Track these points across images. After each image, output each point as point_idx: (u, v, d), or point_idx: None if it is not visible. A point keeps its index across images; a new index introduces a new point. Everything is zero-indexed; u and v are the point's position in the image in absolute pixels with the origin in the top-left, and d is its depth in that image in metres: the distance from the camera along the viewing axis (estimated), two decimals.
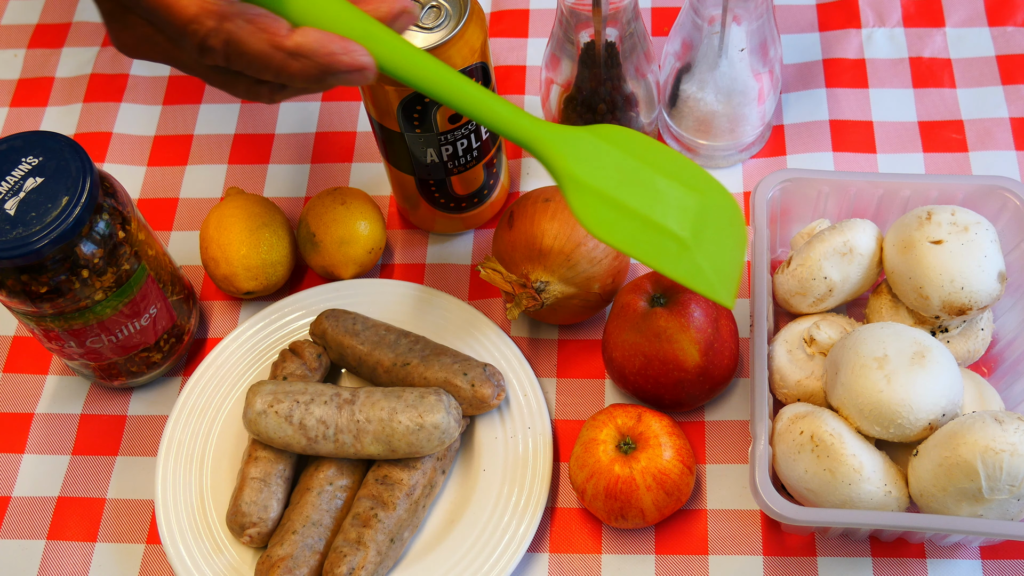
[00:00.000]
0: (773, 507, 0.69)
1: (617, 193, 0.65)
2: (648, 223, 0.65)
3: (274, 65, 0.58)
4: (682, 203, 0.67)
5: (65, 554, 0.81)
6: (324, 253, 0.87)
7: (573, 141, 0.65)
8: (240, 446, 0.82)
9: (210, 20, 0.57)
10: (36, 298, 0.73)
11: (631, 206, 0.65)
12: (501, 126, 0.64)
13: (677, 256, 0.66)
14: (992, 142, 0.94)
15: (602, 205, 0.64)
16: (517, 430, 0.81)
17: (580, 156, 0.65)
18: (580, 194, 0.64)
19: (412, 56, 0.61)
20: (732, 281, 0.67)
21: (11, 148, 0.74)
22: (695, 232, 0.66)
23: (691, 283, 0.65)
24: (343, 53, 0.58)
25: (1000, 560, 0.76)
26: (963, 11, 1.01)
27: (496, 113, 0.63)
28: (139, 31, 0.61)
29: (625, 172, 0.66)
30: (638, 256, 0.65)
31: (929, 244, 0.74)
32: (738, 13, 0.82)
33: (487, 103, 0.63)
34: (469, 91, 0.62)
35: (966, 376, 0.76)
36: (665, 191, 0.66)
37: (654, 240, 0.65)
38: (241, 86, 0.62)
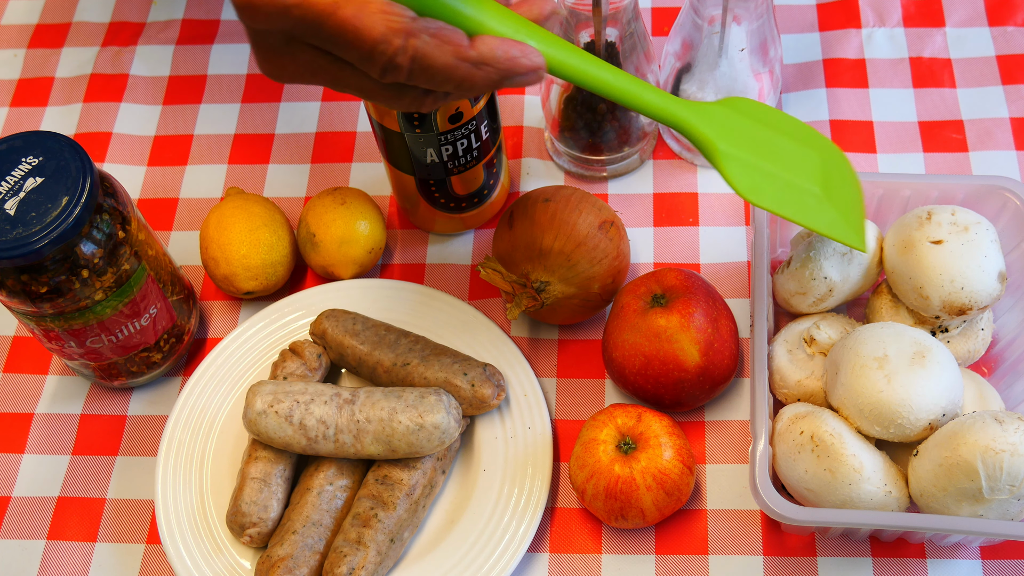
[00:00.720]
0: (773, 507, 0.69)
1: (758, 159, 0.70)
2: (788, 184, 0.70)
3: (459, 76, 0.59)
4: (809, 161, 0.72)
5: (65, 554, 0.81)
6: (324, 253, 0.87)
7: (715, 117, 0.69)
8: (240, 446, 0.82)
9: (397, 39, 0.57)
10: (36, 298, 0.73)
11: (771, 170, 0.70)
12: (653, 111, 0.68)
13: (818, 210, 0.71)
14: (992, 142, 0.94)
15: (750, 172, 0.69)
16: (517, 430, 0.81)
17: (723, 131, 0.69)
18: (730, 165, 0.69)
19: (574, 54, 0.64)
20: (862, 227, 0.73)
21: (11, 148, 0.74)
22: (824, 187, 0.72)
23: (833, 233, 0.70)
24: (522, 56, 0.60)
25: (1000, 560, 0.76)
26: (963, 11, 1.01)
27: (648, 101, 0.67)
28: (302, 58, 0.60)
29: (759, 139, 0.71)
30: (788, 214, 0.69)
31: (929, 244, 0.74)
32: (738, 13, 0.82)
33: (640, 93, 0.67)
34: (624, 84, 0.66)
35: (966, 376, 0.76)
36: (794, 152, 0.71)
37: (797, 198, 0.70)
38: (408, 98, 0.62)
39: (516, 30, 0.62)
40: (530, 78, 0.61)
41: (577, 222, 0.80)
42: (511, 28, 0.61)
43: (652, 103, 0.67)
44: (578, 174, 0.95)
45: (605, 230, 0.81)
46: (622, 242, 0.83)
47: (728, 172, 0.68)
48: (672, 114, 0.68)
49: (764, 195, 0.69)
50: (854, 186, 0.74)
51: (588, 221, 0.81)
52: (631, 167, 0.95)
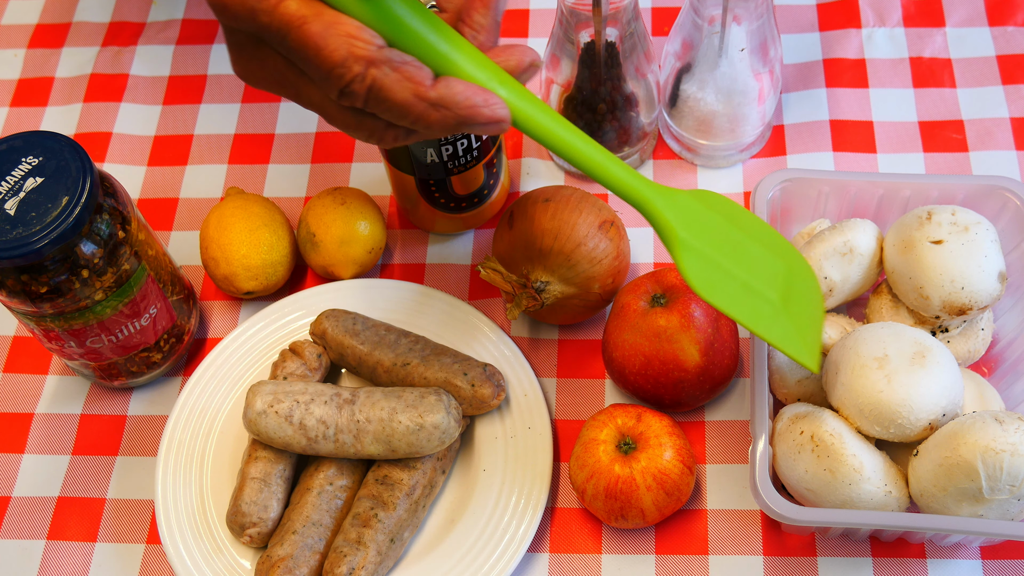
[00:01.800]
0: (773, 507, 0.69)
1: (719, 256, 0.67)
2: (746, 287, 0.68)
3: (414, 114, 0.59)
4: (773, 268, 0.69)
5: (65, 554, 0.81)
6: (324, 253, 0.87)
7: (680, 205, 0.67)
8: (240, 446, 0.82)
9: (357, 65, 0.57)
10: (36, 298, 0.73)
11: (730, 270, 0.67)
12: (617, 187, 0.66)
13: (771, 319, 0.68)
14: (992, 142, 0.94)
15: (707, 267, 0.67)
16: (517, 430, 0.81)
17: (687, 219, 0.67)
18: (688, 256, 0.66)
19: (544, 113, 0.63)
20: (817, 344, 0.69)
21: (11, 148, 0.74)
22: (784, 298, 0.69)
23: (782, 346, 0.67)
24: (484, 106, 0.59)
25: (1000, 560, 0.76)
26: (963, 11, 1.01)
27: (613, 175, 0.65)
28: (270, 64, 0.60)
29: (724, 236, 0.68)
30: (738, 318, 0.66)
31: (929, 244, 0.74)
32: (738, 13, 0.82)
33: (606, 166, 0.65)
34: (591, 154, 0.65)
35: (966, 376, 0.76)
36: (758, 257, 0.69)
37: (752, 303, 0.67)
38: (367, 128, 0.61)
39: (489, 77, 0.61)
40: (491, 128, 0.60)
41: (577, 222, 0.80)
42: (484, 74, 0.61)
43: (618, 179, 0.66)
44: (578, 174, 0.95)
45: (605, 230, 0.81)
46: (622, 242, 0.83)
47: (683, 262, 0.66)
48: (637, 191, 0.66)
49: (717, 293, 0.66)
50: (817, 303, 0.71)
51: (588, 221, 0.81)
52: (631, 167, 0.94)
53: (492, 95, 0.59)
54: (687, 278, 0.66)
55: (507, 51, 0.63)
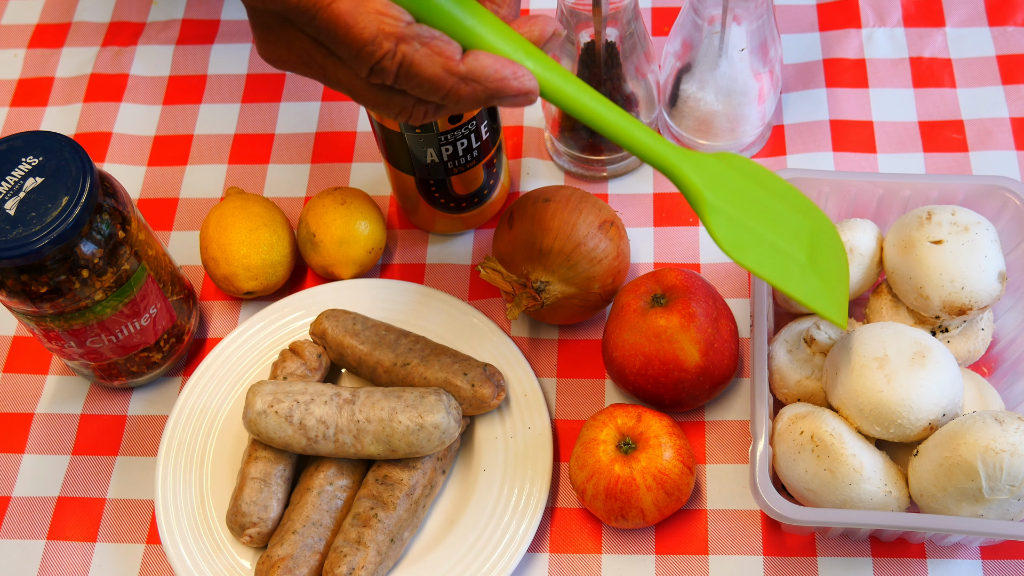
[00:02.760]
0: (773, 507, 0.69)
1: (746, 217, 0.68)
2: (773, 246, 0.68)
3: (444, 88, 0.58)
4: (798, 227, 0.70)
5: (65, 554, 0.81)
6: (324, 253, 0.87)
7: (706, 168, 0.67)
8: (240, 446, 0.82)
9: (387, 42, 0.57)
10: (36, 298, 0.73)
11: (758, 230, 0.68)
12: (644, 153, 0.66)
13: (800, 277, 0.68)
14: (992, 142, 0.94)
15: (735, 228, 0.67)
16: (517, 430, 0.81)
17: (713, 182, 0.67)
18: (716, 218, 0.67)
19: (570, 82, 0.63)
20: (844, 302, 0.70)
21: (11, 148, 0.74)
22: (810, 255, 0.69)
23: (812, 303, 0.68)
24: (513, 78, 0.59)
25: (1000, 560, 0.76)
26: (963, 11, 1.01)
27: (640, 141, 0.65)
28: (297, 45, 0.60)
29: (750, 197, 0.69)
30: (767, 276, 0.67)
31: (929, 244, 0.74)
32: (738, 13, 0.82)
33: (632, 132, 0.65)
34: (616, 120, 0.64)
35: (966, 376, 0.76)
36: (784, 216, 0.69)
37: (780, 262, 0.68)
38: (397, 105, 0.61)
39: (515, 49, 0.61)
40: (519, 101, 0.60)
41: (577, 222, 0.80)
42: (509, 47, 0.61)
43: (645, 143, 0.65)
44: (578, 174, 0.95)
45: (605, 230, 0.81)
46: (622, 242, 0.83)
47: (713, 224, 0.66)
48: (663, 157, 0.66)
49: (747, 253, 0.67)
50: (842, 261, 0.72)
51: (588, 221, 0.81)
52: (631, 167, 0.95)
53: (520, 67, 0.59)
54: (717, 240, 0.66)
55: (530, 22, 0.63)
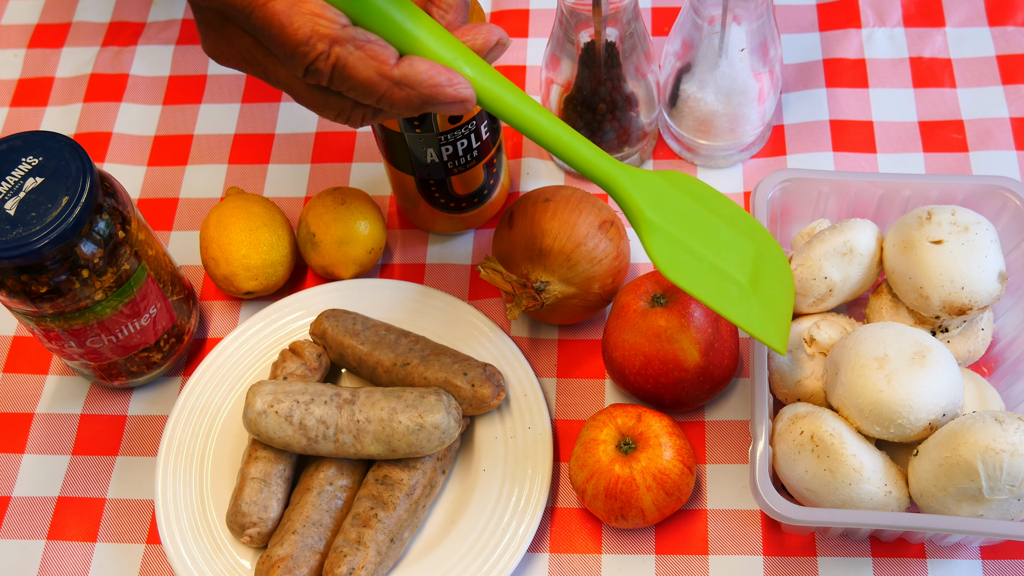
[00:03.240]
0: (773, 507, 0.69)
1: (686, 237, 0.67)
2: (713, 267, 0.68)
3: (378, 92, 0.59)
4: (741, 250, 0.69)
5: (65, 554, 0.81)
6: (324, 253, 0.87)
7: (648, 185, 0.67)
8: (240, 446, 0.82)
9: (321, 44, 0.57)
10: (36, 298, 0.73)
11: (698, 250, 0.68)
12: (584, 167, 0.66)
13: (739, 301, 0.68)
14: (992, 142, 0.94)
15: (674, 248, 0.67)
16: (517, 430, 0.81)
17: (654, 200, 0.67)
18: (654, 236, 0.66)
19: (510, 91, 0.63)
20: (785, 328, 0.70)
21: (11, 148, 0.74)
22: (753, 279, 0.69)
23: (750, 328, 0.68)
24: (448, 85, 0.59)
25: (1000, 560, 0.76)
26: (963, 11, 1.01)
27: (580, 155, 0.65)
28: (237, 43, 0.60)
29: (692, 218, 0.68)
30: (704, 299, 0.67)
31: (929, 244, 0.74)
32: (738, 13, 0.82)
33: (574, 145, 0.65)
34: (558, 133, 0.64)
35: (966, 376, 0.76)
36: (728, 238, 0.69)
37: (719, 284, 0.68)
38: (334, 107, 0.62)
39: (455, 56, 0.60)
40: (455, 108, 0.60)
41: (577, 222, 0.80)
42: (449, 53, 0.60)
43: (585, 158, 0.65)
44: (578, 174, 0.95)
45: (605, 230, 0.81)
46: (622, 242, 0.83)
47: (650, 242, 0.66)
48: (605, 172, 0.66)
49: (684, 274, 0.67)
50: (787, 285, 0.72)
51: (588, 221, 0.81)
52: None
53: (456, 74, 0.59)
54: (653, 259, 0.66)
55: (474, 30, 0.62)
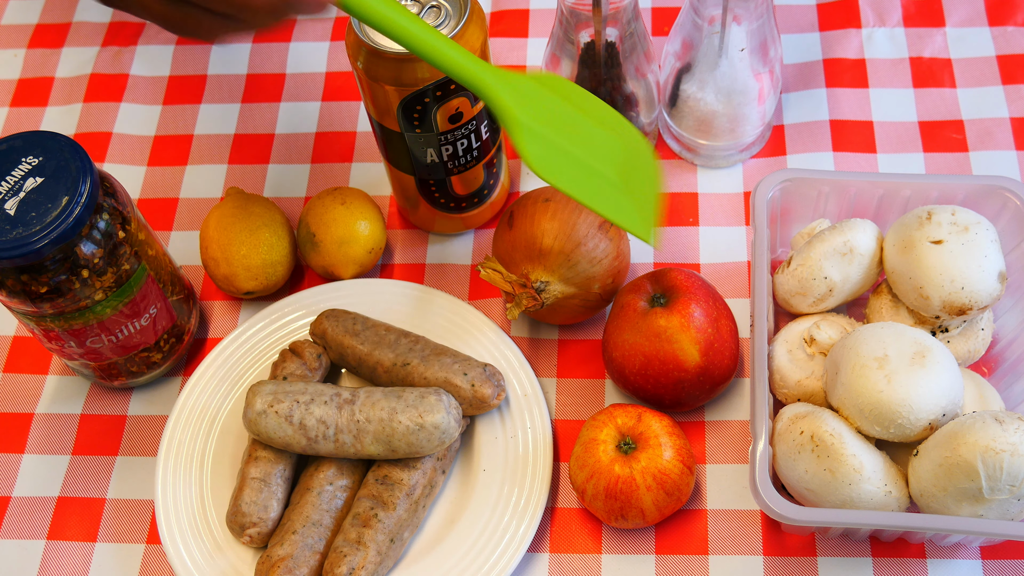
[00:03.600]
0: (773, 507, 0.69)
1: (559, 137, 0.68)
2: (586, 166, 0.69)
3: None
4: (612, 149, 0.71)
5: (65, 554, 0.81)
6: (324, 253, 0.87)
7: (519, 88, 0.67)
8: (240, 446, 0.82)
9: None
10: (36, 298, 0.73)
11: (570, 150, 0.68)
12: (453, 69, 0.66)
13: (611, 198, 0.69)
14: (992, 142, 0.94)
15: (546, 148, 0.67)
16: (517, 430, 0.81)
17: (526, 103, 0.67)
18: (527, 137, 0.67)
19: None
20: (655, 222, 0.72)
21: (11, 148, 0.74)
22: (623, 176, 0.70)
23: (624, 223, 0.69)
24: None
25: (1000, 560, 0.76)
26: (963, 11, 1.01)
27: (449, 57, 0.65)
28: None
29: (564, 118, 0.69)
30: (578, 197, 0.68)
31: (929, 244, 0.74)
32: (738, 13, 0.82)
33: (440, 47, 0.65)
34: (427, 37, 0.64)
35: (966, 376, 0.76)
36: (597, 137, 0.70)
37: (591, 182, 0.69)
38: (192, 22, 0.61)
39: None
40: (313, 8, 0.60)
41: (577, 222, 0.80)
42: None
43: (455, 62, 0.65)
44: None
45: (605, 230, 0.81)
46: (622, 242, 0.83)
47: (523, 144, 0.67)
48: (476, 76, 0.66)
49: (558, 174, 0.67)
50: (655, 181, 0.73)
51: (588, 221, 0.81)
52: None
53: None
54: (527, 160, 0.66)
55: None
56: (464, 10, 0.76)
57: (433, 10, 0.76)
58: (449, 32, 0.75)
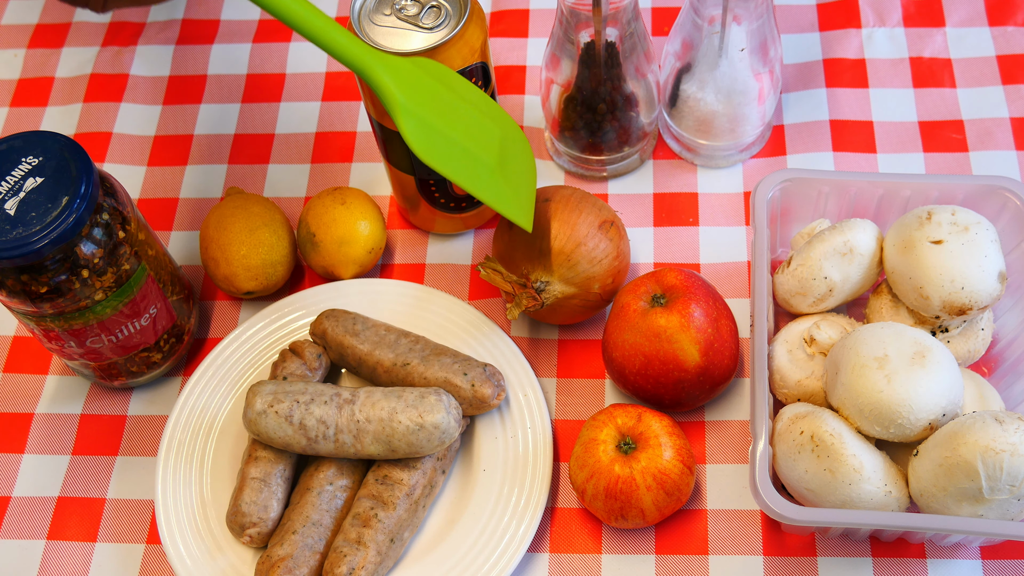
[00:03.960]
0: (773, 507, 0.69)
1: (439, 121, 0.71)
2: (464, 150, 0.72)
3: None
4: (489, 135, 0.74)
5: (65, 554, 0.81)
6: (324, 253, 0.87)
7: (402, 72, 0.70)
8: (240, 446, 0.82)
9: None
10: (36, 298, 0.73)
11: (449, 134, 0.71)
12: (340, 54, 0.68)
13: (488, 180, 0.73)
14: (992, 142, 0.94)
15: (427, 131, 0.70)
16: (517, 430, 0.81)
17: (408, 87, 0.70)
18: (409, 120, 0.69)
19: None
20: (530, 205, 0.75)
21: (11, 148, 0.74)
22: (500, 161, 0.74)
23: (499, 206, 0.73)
24: None
25: (1000, 560, 0.76)
26: (963, 11, 1.02)
27: (337, 42, 0.67)
28: None
29: (444, 103, 0.72)
30: (458, 180, 0.71)
31: (929, 244, 0.74)
32: (738, 13, 0.82)
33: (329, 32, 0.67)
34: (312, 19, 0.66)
35: (966, 376, 0.76)
36: (476, 123, 0.73)
37: (469, 165, 0.72)
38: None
39: None
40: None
41: (577, 222, 0.80)
42: None
43: (341, 45, 0.67)
44: (578, 174, 0.95)
45: (605, 230, 0.81)
46: (622, 242, 0.83)
47: (405, 126, 0.69)
48: (359, 59, 0.68)
49: (437, 157, 0.70)
50: (529, 168, 0.77)
51: (588, 221, 0.81)
52: (631, 167, 0.95)
53: None
54: (409, 142, 0.69)
55: None
56: (464, 10, 0.76)
57: (433, 10, 0.76)
58: (449, 32, 0.75)
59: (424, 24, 0.76)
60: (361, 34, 0.75)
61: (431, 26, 0.76)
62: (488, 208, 0.91)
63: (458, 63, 0.76)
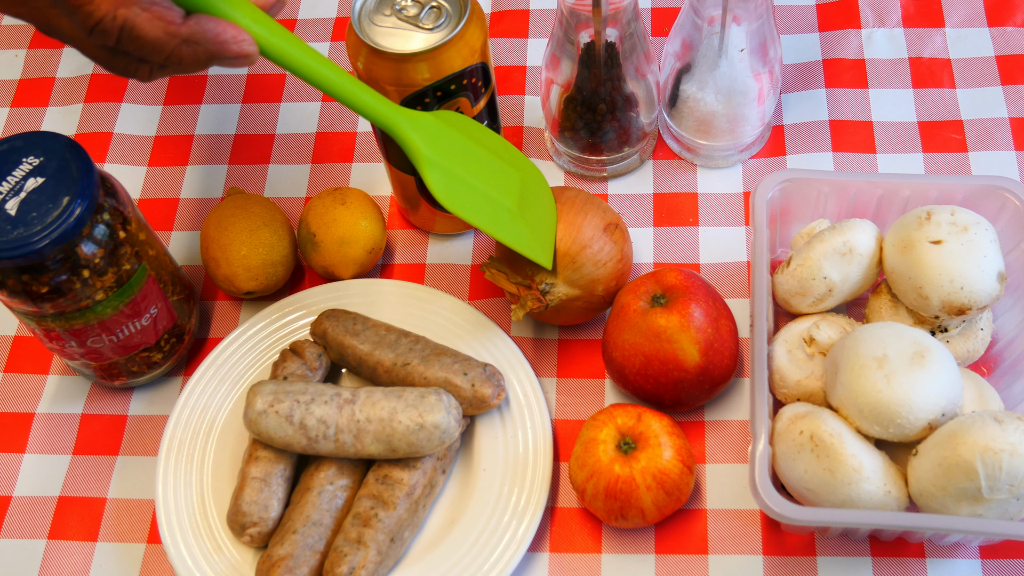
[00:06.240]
0: (773, 507, 0.69)
1: (461, 170, 0.75)
2: (486, 196, 0.76)
3: (167, 51, 0.61)
4: (509, 179, 0.78)
5: (65, 554, 0.81)
6: (324, 253, 0.87)
7: (425, 125, 0.74)
8: (240, 446, 0.83)
9: (105, 4, 0.59)
10: (37, 298, 0.74)
11: (472, 182, 0.75)
12: (367, 112, 0.71)
13: (509, 224, 0.77)
14: (992, 142, 0.94)
15: (450, 181, 0.74)
16: (517, 430, 0.81)
17: (430, 139, 0.74)
18: (433, 172, 0.73)
19: (293, 45, 0.67)
20: (549, 246, 0.79)
21: (12, 148, 0.74)
22: (520, 204, 0.77)
23: (521, 248, 0.77)
24: (233, 42, 0.63)
25: (1000, 560, 0.76)
26: (963, 11, 1.02)
27: (363, 102, 0.71)
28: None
29: (465, 151, 0.76)
30: (479, 225, 0.75)
31: (929, 244, 0.74)
32: (738, 13, 0.82)
33: (355, 92, 0.70)
34: (341, 82, 0.69)
35: (966, 376, 0.76)
36: (495, 169, 0.77)
37: (491, 211, 0.76)
38: (121, 65, 0.64)
39: (241, 15, 0.64)
40: (239, 63, 0.64)
41: (582, 224, 0.80)
42: (235, 11, 0.64)
43: (368, 105, 0.71)
44: (578, 174, 0.95)
45: (610, 233, 0.81)
46: (626, 244, 0.83)
47: (431, 179, 0.73)
48: (386, 116, 0.72)
49: (461, 204, 0.74)
50: (549, 207, 0.80)
51: (593, 224, 0.81)
52: (631, 167, 0.95)
53: (241, 31, 0.63)
54: (434, 192, 0.73)
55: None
56: (464, 10, 0.76)
57: (433, 10, 0.76)
58: (449, 32, 0.75)
59: (424, 25, 0.76)
60: (363, 35, 0.75)
61: (431, 26, 0.76)
62: None
63: (458, 63, 0.76)
